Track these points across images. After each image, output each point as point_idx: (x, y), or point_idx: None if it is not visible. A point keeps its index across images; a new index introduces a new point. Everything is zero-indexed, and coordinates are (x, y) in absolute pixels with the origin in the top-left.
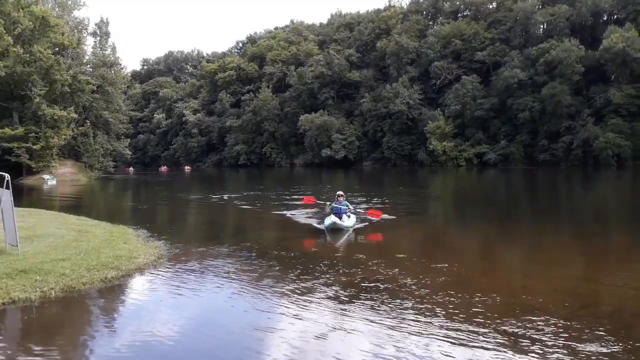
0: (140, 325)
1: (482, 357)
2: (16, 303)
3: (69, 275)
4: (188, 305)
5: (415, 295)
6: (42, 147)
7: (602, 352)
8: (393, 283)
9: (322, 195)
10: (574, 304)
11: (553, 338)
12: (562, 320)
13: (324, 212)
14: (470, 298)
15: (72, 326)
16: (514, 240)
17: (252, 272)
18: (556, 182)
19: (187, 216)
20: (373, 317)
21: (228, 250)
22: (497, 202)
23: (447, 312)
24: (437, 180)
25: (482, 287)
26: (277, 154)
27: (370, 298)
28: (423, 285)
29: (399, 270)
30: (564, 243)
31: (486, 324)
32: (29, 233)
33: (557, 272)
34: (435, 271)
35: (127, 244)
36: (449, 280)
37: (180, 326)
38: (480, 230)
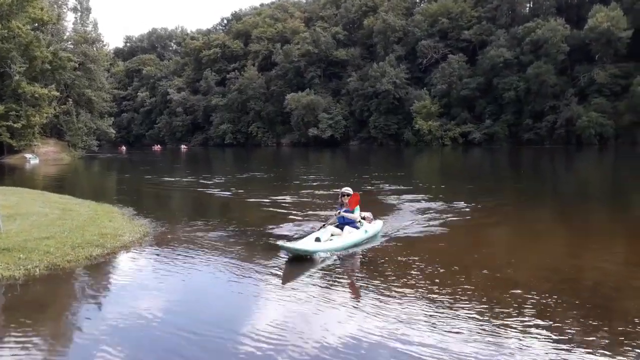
0: (125, 303)
1: (463, 328)
2: (0, 281)
3: (53, 253)
4: (173, 282)
5: (395, 268)
6: (23, 125)
7: (582, 323)
8: (375, 254)
9: (310, 179)
10: (556, 279)
11: (534, 311)
12: (543, 294)
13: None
14: (454, 272)
15: (57, 304)
16: (498, 217)
17: (238, 250)
18: (540, 161)
19: (173, 197)
20: (358, 287)
21: (214, 229)
22: (481, 180)
23: (431, 284)
24: (423, 160)
25: (466, 263)
26: (264, 134)
27: (353, 270)
28: (403, 259)
29: (380, 244)
30: (547, 220)
31: (468, 296)
32: (12, 212)
33: (540, 248)
34: (417, 246)
35: (112, 222)
36: (432, 255)
37: (165, 303)
38: (464, 207)
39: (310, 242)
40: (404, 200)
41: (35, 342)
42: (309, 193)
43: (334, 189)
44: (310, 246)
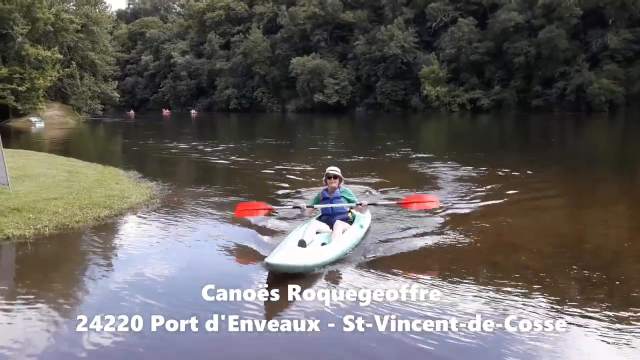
0: (133, 262)
1: (465, 293)
2: (10, 240)
3: (61, 214)
4: (180, 243)
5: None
6: (27, 88)
7: (581, 285)
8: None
9: (317, 149)
10: (557, 242)
11: (534, 274)
12: (545, 257)
13: (302, 216)
14: (456, 235)
15: (67, 262)
16: (504, 182)
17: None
18: (549, 128)
19: (180, 161)
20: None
21: (221, 192)
22: (490, 146)
23: (433, 247)
24: (434, 126)
25: (468, 227)
26: (269, 99)
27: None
28: (403, 220)
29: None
30: (551, 186)
31: (470, 259)
32: (19, 173)
33: (542, 213)
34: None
35: (119, 185)
36: (436, 218)
37: (173, 263)
38: (471, 173)
39: (294, 250)
40: (434, 169)
41: (45, 300)
42: (317, 161)
43: (344, 157)
44: (300, 259)
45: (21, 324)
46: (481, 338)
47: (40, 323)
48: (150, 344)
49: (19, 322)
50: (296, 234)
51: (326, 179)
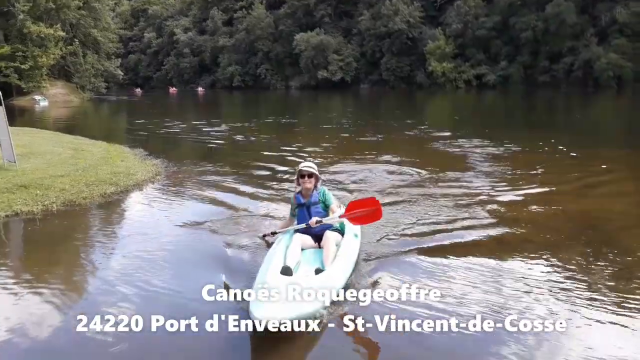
0: (140, 238)
1: (473, 262)
2: (19, 215)
3: (68, 190)
4: (186, 219)
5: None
6: (30, 66)
7: (585, 259)
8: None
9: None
10: (563, 217)
11: (538, 247)
12: (550, 231)
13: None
14: (459, 207)
15: (75, 238)
16: (510, 158)
17: (250, 187)
18: (557, 104)
19: (185, 139)
20: None
21: (226, 169)
22: (506, 122)
23: (438, 217)
24: (442, 102)
25: (475, 199)
26: (272, 76)
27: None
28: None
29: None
30: (558, 162)
31: (475, 233)
32: (25, 150)
33: (549, 188)
34: (427, 183)
35: (124, 162)
36: (443, 190)
37: (176, 239)
38: (477, 148)
39: (281, 287)
40: (456, 147)
41: (54, 275)
42: (325, 140)
43: (358, 136)
44: (295, 308)
45: (29, 301)
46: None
47: (48, 302)
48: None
49: (27, 300)
50: (275, 255)
51: (299, 178)
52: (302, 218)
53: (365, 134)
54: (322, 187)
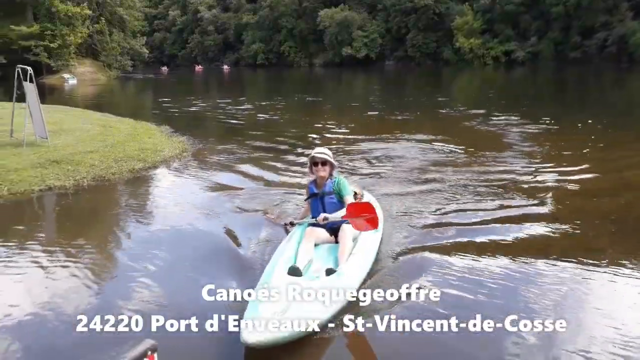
0: (169, 211)
1: (503, 263)
2: (52, 190)
3: (98, 166)
4: (211, 195)
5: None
6: (59, 45)
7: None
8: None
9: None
10: (580, 189)
11: (555, 215)
12: (567, 200)
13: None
14: (495, 190)
15: (106, 211)
16: (549, 136)
17: (277, 167)
18: (591, 81)
19: (210, 117)
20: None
21: (252, 147)
22: (531, 99)
23: (472, 202)
24: (473, 80)
25: (512, 182)
26: (296, 54)
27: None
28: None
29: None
30: (599, 141)
31: (509, 225)
32: (56, 127)
33: (593, 171)
34: (462, 164)
35: (151, 139)
36: (479, 171)
37: (204, 214)
38: (514, 126)
39: (285, 293)
40: (494, 125)
41: (83, 250)
42: (348, 117)
43: (388, 114)
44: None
45: (57, 275)
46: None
47: (75, 277)
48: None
49: (55, 273)
50: (285, 252)
51: (311, 165)
52: (315, 209)
53: (394, 112)
54: (337, 176)
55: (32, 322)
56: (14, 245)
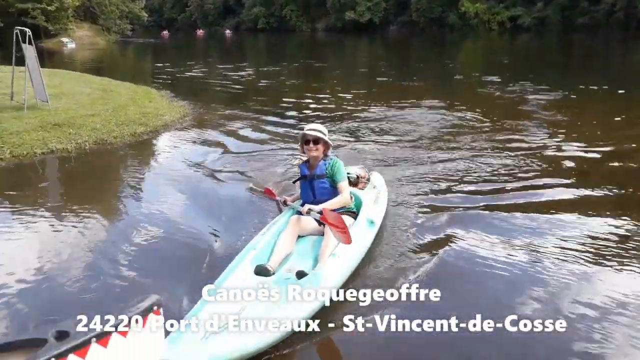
0: (169, 176)
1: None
2: (54, 153)
3: (100, 130)
4: (214, 158)
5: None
6: (57, 8)
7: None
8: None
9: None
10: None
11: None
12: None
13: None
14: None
15: (109, 175)
16: (568, 105)
17: (280, 132)
18: (600, 47)
19: (211, 82)
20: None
21: (254, 113)
22: (543, 66)
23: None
24: (476, 45)
25: (531, 152)
26: (298, 18)
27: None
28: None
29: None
30: (621, 111)
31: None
32: (56, 91)
33: (590, 127)
34: (478, 132)
35: (152, 103)
36: (496, 139)
37: (205, 178)
38: (530, 94)
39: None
40: (512, 93)
41: (88, 211)
42: (355, 83)
43: (397, 80)
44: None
45: (62, 237)
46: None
47: (79, 238)
48: None
49: (60, 235)
50: (259, 243)
51: (302, 143)
52: (305, 194)
53: (403, 78)
54: (333, 158)
55: (35, 281)
56: (17, 208)
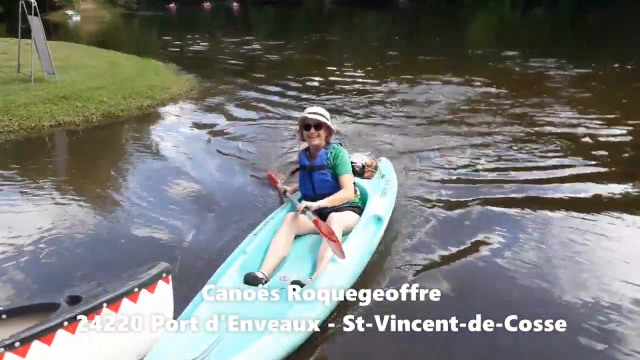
0: (177, 148)
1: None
2: (62, 126)
3: (107, 102)
4: (220, 133)
5: None
6: None
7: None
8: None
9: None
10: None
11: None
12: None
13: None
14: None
15: (116, 147)
16: (595, 81)
17: (290, 105)
18: (615, 19)
19: (217, 55)
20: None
21: (259, 85)
22: (564, 40)
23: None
24: (488, 20)
25: (540, 114)
26: None
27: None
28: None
29: None
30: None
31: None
32: (63, 63)
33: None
34: (499, 108)
35: (159, 76)
36: (518, 115)
37: (213, 151)
38: (553, 69)
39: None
40: (531, 67)
41: (97, 182)
42: (365, 58)
43: (401, 53)
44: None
45: (72, 207)
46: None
47: (86, 209)
48: None
49: (71, 204)
50: (251, 245)
51: (301, 129)
52: (304, 186)
53: (418, 52)
54: (336, 146)
55: (47, 250)
56: (27, 179)
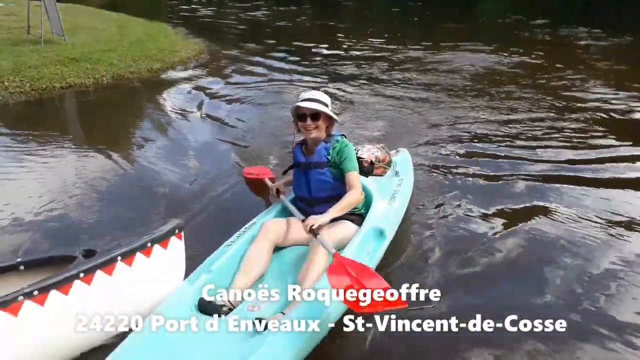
0: (187, 114)
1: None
2: (73, 87)
3: (117, 65)
4: (230, 95)
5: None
6: None
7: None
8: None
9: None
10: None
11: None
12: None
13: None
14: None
15: (127, 109)
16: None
17: (291, 67)
18: None
19: (225, 20)
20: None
21: (273, 52)
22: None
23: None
24: None
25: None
26: None
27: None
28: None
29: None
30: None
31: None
32: (72, 25)
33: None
34: (524, 77)
35: (167, 39)
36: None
37: (225, 112)
38: (583, 39)
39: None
40: (560, 37)
41: (107, 142)
42: (383, 24)
43: (417, 19)
44: None
45: (86, 165)
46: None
47: (104, 167)
48: None
49: (84, 163)
50: (224, 256)
51: (297, 119)
52: (299, 187)
53: (442, 18)
54: (339, 139)
55: (62, 206)
56: (41, 139)
